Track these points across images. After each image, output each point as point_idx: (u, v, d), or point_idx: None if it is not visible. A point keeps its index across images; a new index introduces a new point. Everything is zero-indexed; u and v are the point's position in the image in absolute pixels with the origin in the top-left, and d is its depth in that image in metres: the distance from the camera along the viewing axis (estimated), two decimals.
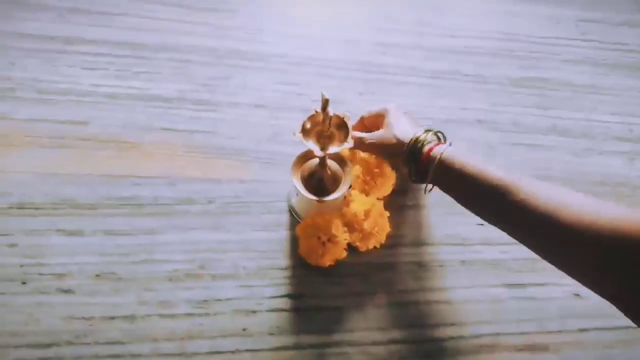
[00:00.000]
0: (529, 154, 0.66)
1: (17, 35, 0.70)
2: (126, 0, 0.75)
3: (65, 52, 0.69)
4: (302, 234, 0.55)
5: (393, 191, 0.60)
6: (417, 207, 0.61)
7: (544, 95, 0.72)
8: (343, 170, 0.57)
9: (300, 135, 0.49)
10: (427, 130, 0.51)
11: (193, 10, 0.74)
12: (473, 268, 0.58)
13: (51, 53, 0.69)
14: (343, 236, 0.55)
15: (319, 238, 0.54)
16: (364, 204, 0.56)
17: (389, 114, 0.54)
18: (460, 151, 0.48)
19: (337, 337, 0.53)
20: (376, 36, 0.75)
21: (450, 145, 0.49)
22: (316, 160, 0.56)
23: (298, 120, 0.56)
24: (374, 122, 0.57)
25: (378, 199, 0.58)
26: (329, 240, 0.54)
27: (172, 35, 0.72)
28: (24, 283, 0.54)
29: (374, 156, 0.58)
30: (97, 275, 0.55)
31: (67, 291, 0.54)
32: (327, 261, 0.55)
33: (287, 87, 0.69)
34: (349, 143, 0.49)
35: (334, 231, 0.54)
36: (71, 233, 0.57)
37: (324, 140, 0.50)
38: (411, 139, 0.51)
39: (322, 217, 0.55)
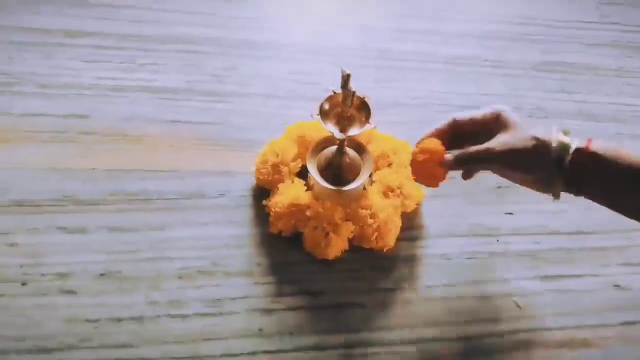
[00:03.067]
0: None
1: (15, 29, 0.67)
2: None
3: (65, 45, 0.66)
4: (307, 228, 0.51)
5: None
6: (439, 196, 0.58)
7: (568, 80, 0.68)
8: (362, 158, 0.54)
9: (319, 117, 0.46)
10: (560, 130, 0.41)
11: (200, 0, 0.72)
12: (504, 260, 0.54)
13: (51, 46, 0.66)
14: (346, 226, 0.51)
15: (323, 229, 0.50)
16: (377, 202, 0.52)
17: (507, 114, 0.43)
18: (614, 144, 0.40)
19: (361, 336, 0.49)
20: (391, 22, 0.72)
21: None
22: (334, 148, 0.52)
23: (312, 110, 0.53)
24: (476, 127, 0.45)
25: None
26: (333, 231, 0.50)
27: (179, 26, 0.69)
28: (24, 284, 0.50)
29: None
30: (101, 275, 0.51)
31: (70, 292, 0.50)
32: (332, 253, 0.51)
33: (299, 76, 0.66)
34: (371, 125, 0.46)
35: (336, 219, 0.50)
36: (74, 231, 0.53)
37: (343, 122, 0.47)
38: (557, 141, 0.40)
39: (322, 206, 0.51)
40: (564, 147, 0.40)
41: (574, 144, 0.40)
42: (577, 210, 0.57)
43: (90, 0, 0.71)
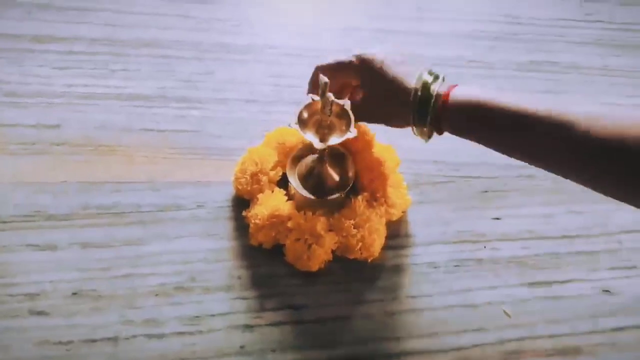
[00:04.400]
0: None
1: None
2: None
3: (34, 52, 0.64)
4: (288, 240, 0.49)
5: None
6: (425, 203, 0.56)
7: (553, 80, 0.67)
8: (344, 165, 0.52)
9: (297, 126, 0.44)
10: (428, 73, 0.42)
11: (174, 3, 0.69)
12: (492, 267, 0.52)
13: (19, 52, 0.63)
14: (329, 237, 0.49)
15: (306, 240, 0.49)
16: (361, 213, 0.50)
17: (371, 58, 0.44)
18: (477, 89, 0.40)
19: (345, 350, 0.47)
20: (374, 23, 0.70)
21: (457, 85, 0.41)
22: (314, 156, 0.51)
23: (292, 114, 0.51)
24: (339, 78, 0.47)
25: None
26: (316, 242, 0.49)
27: (152, 30, 0.67)
28: None
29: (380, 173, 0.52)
30: (74, 294, 0.49)
31: (41, 313, 0.48)
32: (315, 265, 0.49)
33: (279, 79, 0.64)
34: (351, 133, 0.44)
35: (319, 230, 0.48)
36: (44, 248, 0.51)
37: (323, 130, 0.45)
38: (415, 88, 0.41)
39: (304, 217, 0.49)
40: (426, 99, 0.41)
41: (437, 89, 0.41)
42: (564, 214, 0.56)
43: (59, 4, 0.68)
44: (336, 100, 0.43)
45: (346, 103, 0.44)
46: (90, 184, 0.55)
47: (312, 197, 0.49)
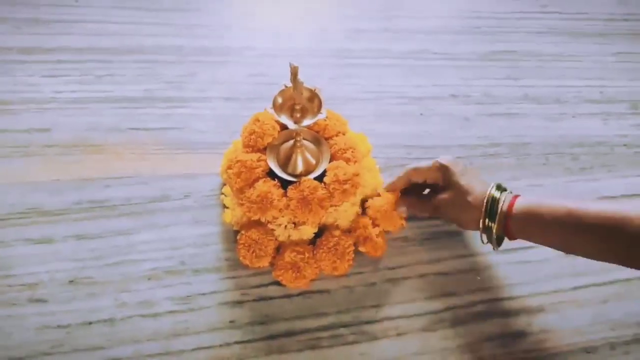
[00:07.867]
0: (505, 123, 0.66)
1: None
2: (85, 8, 0.74)
3: (23, 62, 0.67)
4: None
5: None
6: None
7: (513, 67, 0.72)
8: (319, 150, 0.56)
9: (273, 110, 0.48)
10: (497, 186, 0.48)
11: (156, 11, 0.74)
12: (460, 238, 0.56)
13: (8, 64, 0.67)
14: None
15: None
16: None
17: (450, 170, 0.50)
18: (539, 198, 0.46)
19: (329, 319, 0.51)
20: (345, 24, 0.75)
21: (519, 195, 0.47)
22: (291, 142, 0.54)
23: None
24: (425, 177, 0.53)
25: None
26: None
27: (135, 37, 0.71)
28: None
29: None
30: (70, 282, 0.52)
31: (40, 300, 0.50)
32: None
33: (257, 78, 0.68)
34: (322, 114, 0.48)
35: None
36: (40, 241, 0.54)
37: (296, 114, 0.49)
38: (487, 201, 0.47)
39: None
40: (493, 202, 0.47)
41: (503, 202, 0.47)
42: (526, 187, 0.60)
43: (44, 17, 0.72)
44: (307, 86, 0.47)
45: (317, 88, 0.48)
46: (82, 181, 0.58)
47: (290, 179, 0.53)
